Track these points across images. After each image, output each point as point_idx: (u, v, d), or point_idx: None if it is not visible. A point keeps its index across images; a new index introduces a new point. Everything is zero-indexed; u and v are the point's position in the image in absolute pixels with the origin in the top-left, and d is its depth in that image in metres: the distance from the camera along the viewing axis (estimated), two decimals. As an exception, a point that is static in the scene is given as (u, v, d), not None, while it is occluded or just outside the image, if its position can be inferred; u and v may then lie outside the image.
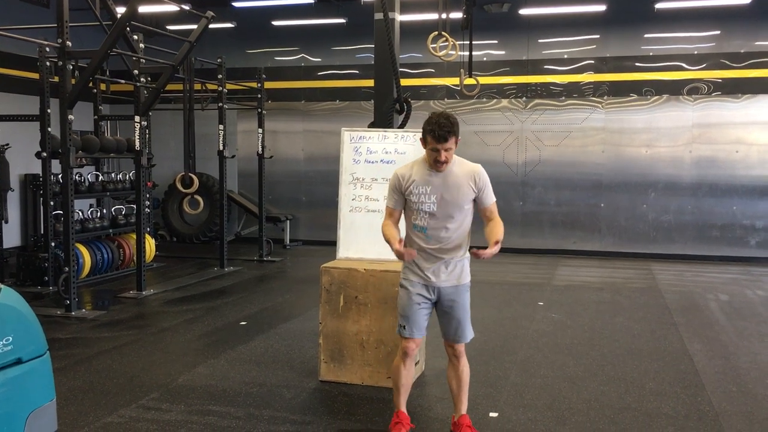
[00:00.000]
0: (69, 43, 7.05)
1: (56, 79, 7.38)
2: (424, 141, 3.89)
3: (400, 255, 3.83)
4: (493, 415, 4.49)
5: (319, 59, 12.74)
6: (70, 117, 7.15)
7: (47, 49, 7.99)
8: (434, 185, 3.90)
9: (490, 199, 4.02)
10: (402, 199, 3.99)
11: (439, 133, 3.76)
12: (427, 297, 3.97)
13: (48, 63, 8.10)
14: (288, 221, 12.51)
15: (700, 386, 5.07)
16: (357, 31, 12.13)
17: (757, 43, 10.88)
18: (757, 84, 10.88)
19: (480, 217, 4.08)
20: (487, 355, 5.78)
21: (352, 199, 5.27)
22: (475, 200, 3.97)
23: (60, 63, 7.09)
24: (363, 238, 5.17)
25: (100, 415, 4.41)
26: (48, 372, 3.33)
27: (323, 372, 5.08)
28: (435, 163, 3.86)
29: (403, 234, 4.04)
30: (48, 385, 3.31)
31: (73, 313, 7.08)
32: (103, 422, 4.29)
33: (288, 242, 12.48)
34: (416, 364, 5.09)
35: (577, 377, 5.27)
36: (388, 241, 3.88)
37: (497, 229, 3.94)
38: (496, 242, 3.82)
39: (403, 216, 4.07)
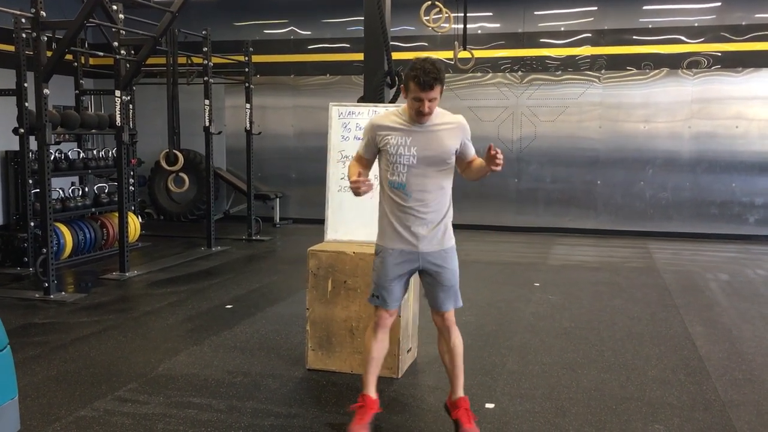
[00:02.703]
0: (43, 13, 6.70)
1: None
2: (405, 88, 3.55)
3: (356, 188, 3.53)
4: (489, 406, 4.26)
5: (309, 32, 12.38)
6: (46, 91, 6.80)
7: (23, 20, 7.63)
8: (414, 137, 3.58)
9: (472, 151, 3.75)
10: (374, 149, 3.68)
11: (424, 79, 3.40)
12: (406, 265, 3.67)
13: (24, 35, 7.74)
14: (278, 199, 12.23)
15: (704, 373, 4.86)
16: (348, 2, 11.75)
17: (758, 15, 10.57)
18: (759, 57, 10.59)
19: (460, 172, 3.83)
20: (482, 341, 5.55)
21: (341, 178, 4.98)
22: (456, 155, 3.68)
23: (34, 34, 6.74)
24: (352, 219, 4.90)
25: (73, 408, 4.16)
26: (9, 368, 3.06)
27: (311, 360, 4.84)
28: (417, 114, 3.53)
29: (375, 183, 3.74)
30: (8, 382, 3.05)
31: (51, 296, 6.81)
32: (75, 416, 4.04)
33: (278, 221, 12.22)
34: (408, 351, 4.88)
35: (576, 364, 5.05)
36: (348, 176, 3.63)
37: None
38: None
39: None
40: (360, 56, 6.08)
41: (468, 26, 9.61)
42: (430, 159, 3.59)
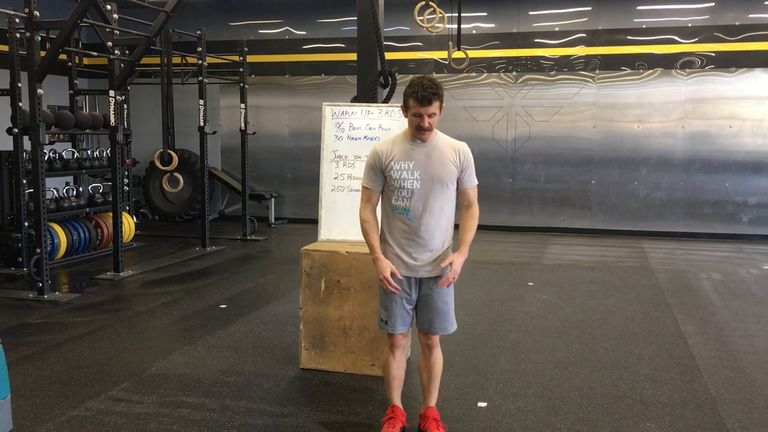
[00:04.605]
0: (37, 13, 6.70)
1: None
2: (405, 107, 3.55)
3: (382, 270, 3.58)
4: (481, 405, 4.28)
5: (304, 32, 12.38)
6: (40, 91, 6.81)
7: (17, 20, 7.62)
8: (417, 160, 3.56)
9: (473, 181, 3.70)
10: (381, 179, 3.64)
11: (422, 94, 3.42)
12: (407, 289, 3.67)
13: (18, 35, 7.72)
14: (273, 199, 12.23)
15: (696, 372, 4.88)
16: (343, 2, 11.76)
17: (751, 15, 10.61)
18: (752, 57, 10.63)
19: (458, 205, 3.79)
20: (475, 340, 5.56)
21: (334, 178, 5.00)
22: (457, 181, 3.65)
23: (27, 34, 6.73)
24: (345, 218, 4.91)
25: (66, 407, 4.16)
26: (1, 368, 3.07)
27: (304, 359, 4.85)
28: (417, 130, 3.52)
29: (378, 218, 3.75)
30: (1, 381, 3.05)
31: (45, 297, 6.80)
32: (68, 416, 4.04)
33: (273, 220, 12.22)
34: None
35: (568, 363, 5.06)
36: (369, 245, 3.65)
37: (471, 225, 3.68)
38: (460, 253, 3.60)
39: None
40: (355, 56, 6.09)
41: (462, 26, 9.63)
42: (433, 180, 3.56)
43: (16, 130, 7.72)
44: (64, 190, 8.94)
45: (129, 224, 9.49)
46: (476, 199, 3.73)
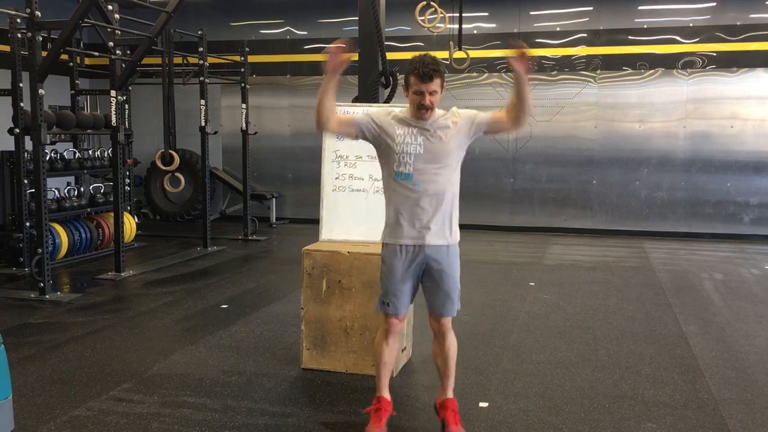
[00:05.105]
0: (38, 13, 6.70)
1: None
2: (406, 85, 3.53)
3: (332, 57, 3.51)
4: (482, 405, 4.28)
5: (305, 32, 12.38)
6: (41, 91, 6.80)
7: (18, 20, 7.63)
8: (420, 131, 3.55)
9: (489, 113, 3.68)
10: (371, 126, 3.62)
11: (424, 70, 3.40)
12: (412, 265, 3.62)
13: (19, 35, 7.73)
14: (274, 199, 12.23)
15: (698, 372, 4.88)
16: (344, 2, 11.76)
17: (752, 15, 10.60)
18: (753, 57, 10.62)
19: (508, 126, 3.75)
20: (476, 340, 5.56)
21: (335, 178, 5.01)
22: (483, 129, 3.64)
23: (29, 34, 6.74)
24: (347, 218, 4.92)
25: (68, 407, 4.16)
26: (3, 368, 3.07)
27: (305, 360, 4.85)
28: (418, 108, 3.49)
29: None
30: (2, 381, 3.05)
31: (47, 297, 6.80)
32: (70, 416, 4.04)
33: (274, 220, 12.22)
34: (403, 350, 4.89)
35: (570, 363, 5.06)
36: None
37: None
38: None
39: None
40: (356, 56, 6.08)
41: (463, 26, 9.62)
42: (436, 155, 3.55)
43: (17, 130, 7.72)
44: (66, 190, 8.95)
45: (130, 224, 9.50)
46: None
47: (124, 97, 8.90)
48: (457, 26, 9.44)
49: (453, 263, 3.69)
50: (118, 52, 8.10)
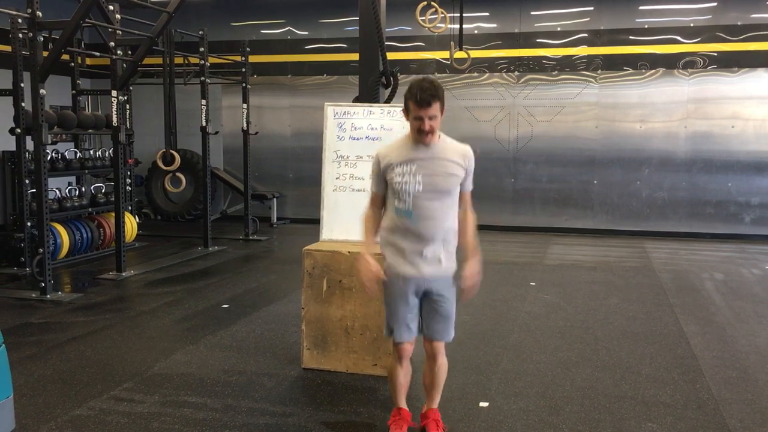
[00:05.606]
0: (39, 14, 6.71)
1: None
2: (406, 111, 3.51)
3: (365, 268, 3.55)
4: (483, 405, 4.28)
5: (306, 32, 12.39)
6: (42, 91, 6.81)
7: (19, 20, 7.64)
8: (419, 164, 3.51)
9: (470, 185, 3.68)
10: (383, 182, 3.61)
11: (422, 96, 3.37)
12: (412, 294, 3.61)
13: (20, 35, 7.74)
14: (275, 199, 12.24)
15: (698, 372, 4.88)
16: (345, 2, 11.77)
17: (753, 15, 10.60)
18: (754, 57, 10.62)
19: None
20: (477, 340, 5.57)
21: (336, 178, 5.01)
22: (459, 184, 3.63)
23: (30, 34, 6.74)
24: (347, 218, 4.91)
25: (69, 407, 4.17)
26: (4, 367, 3.08)
27: (306, 359, 4.85)
28: (419, 134, 3.46)
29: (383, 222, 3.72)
30: (4, 381, 3.06)
31: (48, 296, 6.82)
32: (71, 415, 4.05)
33: (275, 220, 12.23)
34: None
35: (570, 363, 5.06)
36: (362, 242, 3.69)
37: (472, 228, 3.68)
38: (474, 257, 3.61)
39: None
40: (357, 56, 6.08)
41: (464, 26, 9.62)
42: (436, 183, 3.53)
43: (18, 130, 7.74)
44: (67, 190, 8.96)
45: (131, 224, 9.51)
46: (470, 205, 3.72)
47: (125, 97, 8.92)
48: (457, 26, 9.44)
49: (451, 291, 3.69)
50: (119, 52, 8.11)
